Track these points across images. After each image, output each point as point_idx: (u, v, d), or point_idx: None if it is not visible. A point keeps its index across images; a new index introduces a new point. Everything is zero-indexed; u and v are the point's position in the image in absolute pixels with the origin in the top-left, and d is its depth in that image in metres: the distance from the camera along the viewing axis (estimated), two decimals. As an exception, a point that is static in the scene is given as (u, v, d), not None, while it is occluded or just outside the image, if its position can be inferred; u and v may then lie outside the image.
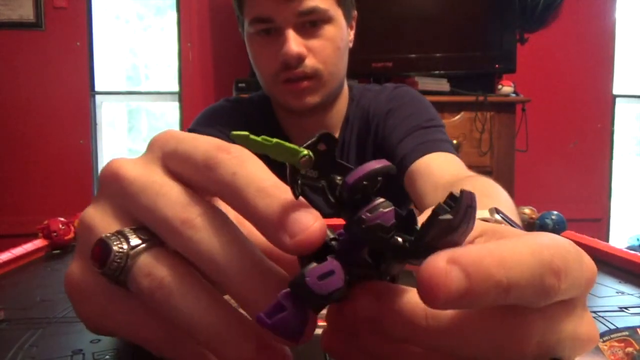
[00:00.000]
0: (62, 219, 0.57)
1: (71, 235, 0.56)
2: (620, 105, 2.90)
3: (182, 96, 2.64)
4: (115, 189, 0.23)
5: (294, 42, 0.75)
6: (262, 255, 0.21)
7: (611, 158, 2.89)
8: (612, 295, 0.40)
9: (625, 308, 0.36)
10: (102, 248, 0.22)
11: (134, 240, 0.22)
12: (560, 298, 0.19)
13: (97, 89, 2.64)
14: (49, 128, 2.55)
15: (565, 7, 2.68)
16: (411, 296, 0.19)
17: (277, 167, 0.21)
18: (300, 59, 0.75)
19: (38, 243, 0.54)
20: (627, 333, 0.23)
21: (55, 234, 0.55)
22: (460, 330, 0.18)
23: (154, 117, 2.96)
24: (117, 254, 0.21)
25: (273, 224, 0.19)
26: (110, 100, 2.75)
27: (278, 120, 0.88)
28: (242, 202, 0.20)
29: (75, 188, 2.57)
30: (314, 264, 0.18)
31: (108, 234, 0.22)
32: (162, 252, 0.22)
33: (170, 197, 0.22)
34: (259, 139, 0.19)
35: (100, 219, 0.24)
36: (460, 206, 0.18)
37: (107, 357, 0.27)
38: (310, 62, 0.76)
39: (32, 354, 0.28)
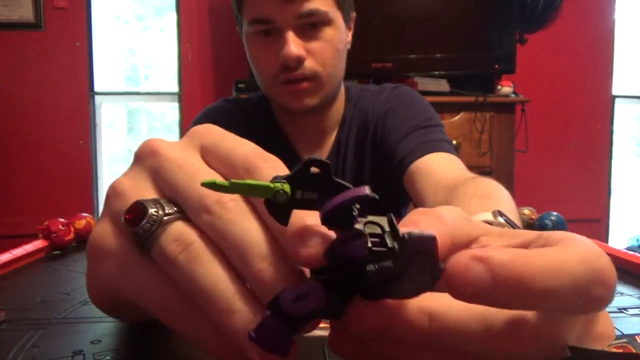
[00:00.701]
0: (62, 219, 0.57)
1: (71, 236, 0.56)
2: (619, 106, 2.90)
3: (182, 97, 2.64)
4: (152, 163, 0.24)
5: (294, 44, 0.75)
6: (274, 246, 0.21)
7: (610, 158, 2.89)
8: (611, 295, 0.40)
9: (625, 309, 0.36)
10: (138, 209, 0.22)
11: (169, 209, 0.23)
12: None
13: (96, 89, 2.64)
14: (49, 128, 2.55)
15: (565, 8, 2.68)
16: (412, 303, 0.19)
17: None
18: (299, 61, 0.75)
19: (38, 244, 0.54)
20: (625, 340, 0.23)
21: (55, 234, 0.55)
22: (462, 330, 0.19)
23: (153, 117, 2.96)
24: (152, 216, 0.22)
25: (291, 239, 0.20)
26: (109, 101, 2.75)
27: (277, 120, 0.88)
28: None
29: (75, 188, 2.57)
30: (290, 287, 0.19)
31: (145, 199, 0.23)
32: (192, 224, 0.22)
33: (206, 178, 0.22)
34: (227, 183, 0.19)
35: (135, 186, 0.25)
36: (404, 253, 0.17)
37: (108, 357, 0.27)
38: (309, 64, 0.76)
39: (33, 354, 0.28)
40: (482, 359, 0.20)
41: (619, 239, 2.90)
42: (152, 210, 0.22)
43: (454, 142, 2.04)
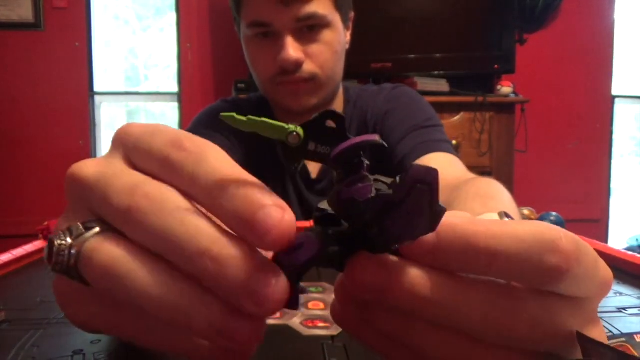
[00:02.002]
0: (62, 219, 0.57)
1: (71, 236, 0.56)
2: (619, 106, 2.90)
3: (182, 97, 2.64)
4: (74, 191, 0.22)
5: (292, 48, 0.75)
6: (223, 232, 0.19)
7: (610, 159, 2.89)
8: (610, 296, 0.40)
9: (624, 309, 0.37)
10: (49, 246, 0.21)
11: (78, 231, 0.21)
12: (568, 288, 0.19)
13: (96, 89, 2.64)
14: (48, 128, 2.55)
15: (565, 8, 2.68)
16: (413, 267, 0.19)
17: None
18: (298, 64, 0.76)
19: (38, 244, 0.54)
20: (624, 339, 0.23)
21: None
22: (458, 299, 0.19)
23: (153, 117, 2.96)
24: (60, 246, 0.20)
25: (242, 224, 0.18)
26: (109, 101, 2.75)
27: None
28: (209, 204, 0.19)
29: (74, 188, 2.56)
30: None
31: (57, 234, 0.21)
32: (110, 235, 0.20)
33: (118, 185, 0.20)
34: (244, 118, 0.19)
35: (61, 225, 0.23)
36: (404, 181, 0.17)
37: (108, 357, 0.27)
38: (308, 67, 0.77)
39: (33, 354, 0.28)
40: (483, 342, 0.20)
41: (619, 239, 2.90)
42: (58, 242, 0.20)
43: (454, 142, 2.04)
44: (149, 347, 0.22)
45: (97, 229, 0.21)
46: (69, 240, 0.20)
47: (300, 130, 0.19)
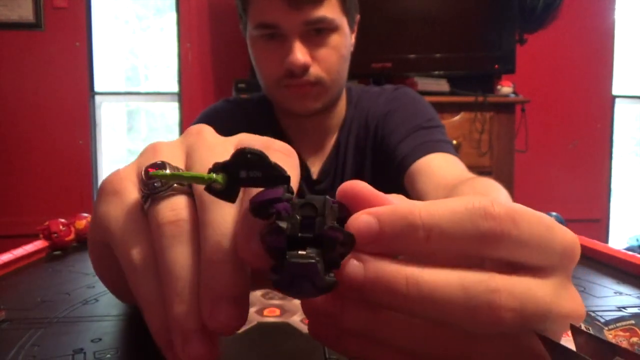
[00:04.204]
0: (62, 220, 0.57)
1: (72, 236, 0.56)
2: (619, 106, 2.90)
3: (182, 97, 2.64)
4: (193, 141, 0.27)
5: (300, 52, 0.74)
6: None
7: (611, 158, 2.89)
8: (610, 295, 0.40)
9: (623, 308, 0.37)
10: (159, 165, 0.24)
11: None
12: (515, 253, 0.20)
13: (96, 89, 2.64)
14: (49, 128, 2.55)
15: (565, 8, 2.68)
16: (392, 263, 0.19)
17: None
18: (305, 68, 0.75)
19: (38, 244, 0.54)
20: (632, 322, 0.23)
21: (55, 235, 0.55)
22: (438, 291, 0.19)
23: (153, 117, 2.96)
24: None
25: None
26: (109, 101, 2.75)
27: (278, 121, 0.88)
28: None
29: (74, 189, 2.57)
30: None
31: (171, 163, 0.24)
32: (194, 204, 0.23)
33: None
34: (169, 173, 0.22)
35: (169, 151, 0.26)
36: (285, 274, 0.19)
37: (108, 356, 0.28)
38: (314, 70, 0.76)
39: (34, 353, 0.28)
40: (466, 333, 0.20)
41: (619, 239, 2.90)
42: (168, 171, 0.23)
43: (454, 142, 2.05)
44: (130, 284, 0.24)
45: (190, 191, 0.24)
46: (168, 171, 0.24)
47: (219, 177, 0.20)
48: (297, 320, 0.33)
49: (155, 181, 0.23)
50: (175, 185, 0.23)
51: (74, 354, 0.28)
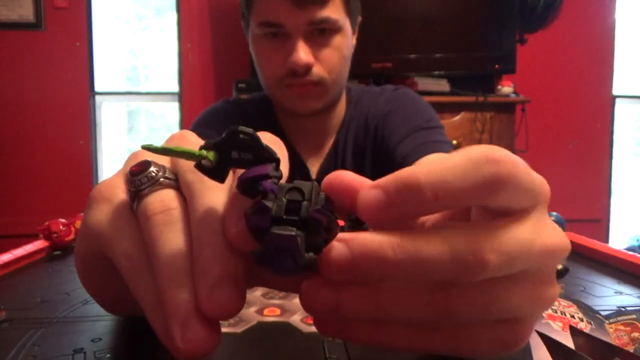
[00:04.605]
0: (62, 220, 0.57)
1: (72, 236, 0.56)
2: (620, 106, 2.90)
3: (182, 97, 2.64)
4: (176, 143, 0.26)
5: (303, 52, 0.74)
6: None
7: (611, 158, 2.89)
8: (610, 295, 0.40)
9: (624, 307, 0.37)
10: (143, 164, 0.24)
11: (169, 176, 0.24)
12: (512, 197, 0.20)
13: (96, 89, 2.64)
14: (49, 128, 2.56)
15: (565, 8, 2.68)
16: (375, 235, 0.20)
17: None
18: (308, 68, 0.75)
19: (39, 244, 0.54)
20: (634, 316, 0.23)
21: (55, 235, 0.55)
22: (424, 249, 0.19)
23: (153, 117, 2.96)
24: (151, 172, 0.24)
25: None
26: (110, 101, 2.75)
27: (278, 121, 0.88)
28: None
29: (75, 188, 2.57)
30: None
31: (154, 161, 0.25)
32: (182, 197, 0.24)
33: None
34: (160, 147, 0.21)
35: (152, 156, 0.26)
36: (265, 245, 0.19)
37: (109, 355, 0.28)
38: (316, 70, 0.77)
39: (34, 352, 0.28)
40: (454, 293, 0.20)
41: (619, 239, 2.90)
42: (153, 169, 0.24)
43: (454, 142, 2.05)
44: (126, 282, 0.24)
45: (177, 185, 0.24)
46: (160, 173, 0.24)
47: (210, 154, 0.20)
48: (297, 319, 0.33)
49: (141, 178, 0.24)
50: (161, 179, 0.24)
51: (74, 354, 0.28)
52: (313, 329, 0.31)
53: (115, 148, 2.83)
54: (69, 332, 0.31)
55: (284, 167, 0.23)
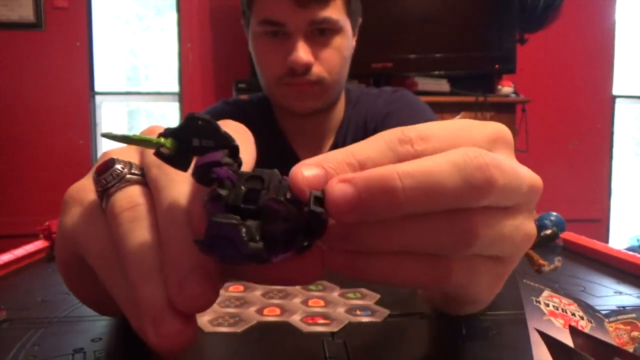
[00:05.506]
0: (62, 219, 0.57)
1: (72, 235, 0.56)
2: (620, 106, 2.90)
3: (182, 97, 2.64)
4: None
5: (303, 51, 0.75)
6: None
7: (611, 158, 2.89)
8: (610, 295, 0.40)
9: (623, 307, 0.37)
10: (107, 163, 0.24)
11: (135, 172, 0.24)
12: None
13: (96, 89, 2.64)
14: (49, 128, 2.56)
15: (565, 8, 2.68)
16: (378, 168, 0.20)
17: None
18: (307, 67, 0.75)
19: (39, 244, 0.54)
20: (634, 315, 0.23)
21: (55, 235, 0.55)
22: (430, 177, 0.19)
23: (153, 117, 2.96)
24: (117, 170, 0.24)
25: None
26: (110, 101, 2.75)
27: (277, 122, 0.88)
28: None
29: (75, 188, 2.56)
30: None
31: (120, 159, 0.25)
32: (150, 193, 0.23)
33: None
34: (119, 135, 0.21)
35: (121, 153, 0.26)
36: (207, 233, 0.18)
37: (108, 355, 0.28)
38: (316, 70, 0.77)
39: (34, 352, 0.28)
40: (465, 217, 0.21)
41: (619, 239, 2.90)
42: (118, 166, 0.24)
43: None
44: (103, 283, 0.23)
45: (145, 181, 0.24)
46: (126, 170, 0.24)
47: (168, 142, 0.20)
48: (297, 319, 0.33)
49: (107, 176, 0.24)
50: (127, 176, 0.24)
51: (74, 354, 0.28)
52: (313, 328, 0.31)
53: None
54: (69, 332, 0.31)
55: (249, 155, 0.23)
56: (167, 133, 0.20)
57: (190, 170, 0.21)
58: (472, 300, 0.26)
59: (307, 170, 0.20)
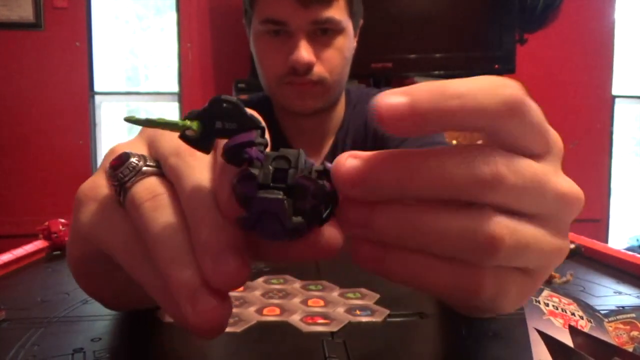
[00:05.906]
0: (62, 220, 0.57)
1: (71, 235, 0.56)
2: (619, 106, 2.90)
3: (182, 97, 2.64)
4: (152, 133, 0.27)
5: (305, 51, 0.75)
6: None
7: (610, 158, 2.89)
8: (610, 295, 0.40)
9: (623, 307, 0.37)
10: (122, 157, 0.24)
11: (150, 163, 0.24)
12: (528, 139, 0.22)
13: (96, 89, 2.64)
14: (49, 128, 2.55)
15: (565, 8, 2.68)
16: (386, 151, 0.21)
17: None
18: (309, 67, 0.76)
19: (38, 244, 0.54)
20: (633, 315, 0.23)
21: (55, 235, 0.55)
22: (444, 166, 0.20)
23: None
24: (132, 164, 0.24)
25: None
26: (109, 101, 2.75)
27: (277, 122, 0.88)
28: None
29: (74, 188, 2.50)
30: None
31: (132, 152, 0.25)
32: (167, 182, 0.24)
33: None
34: (143, 119, 0.21)
35: (129, 146, 0.27)
36: (252, 210, 0.19)
37: (108, 355, 0.28)
38: (317, 69, 0.77)
39: (34, 352, 0.28)
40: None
41: (619, 239, 2.90)
42: (133, 160, 0.24)
43: (454, 142, 2.04)
44: (129, 274, 0.23)
45: (160, 172, 0.24)
46: (141, 163, 0.24)
47: (194, 124, 0.21)
48: (297, 319, 0.33)
49: (123, 170, 0.24)
50: (144, 168, 0.24)
51: (74, 353, 0.28)
52: (313, 328, 0.31)
53: (115, 148, 2.82)
54: (69, 331, 0.31)
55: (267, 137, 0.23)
56: (192, 115, 0.21)
57: (209, 155, 0.22)
58: (496, 312, 0.25)
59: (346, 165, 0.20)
